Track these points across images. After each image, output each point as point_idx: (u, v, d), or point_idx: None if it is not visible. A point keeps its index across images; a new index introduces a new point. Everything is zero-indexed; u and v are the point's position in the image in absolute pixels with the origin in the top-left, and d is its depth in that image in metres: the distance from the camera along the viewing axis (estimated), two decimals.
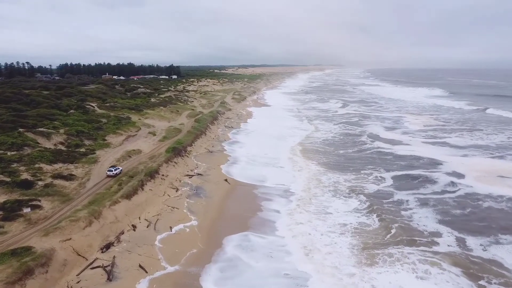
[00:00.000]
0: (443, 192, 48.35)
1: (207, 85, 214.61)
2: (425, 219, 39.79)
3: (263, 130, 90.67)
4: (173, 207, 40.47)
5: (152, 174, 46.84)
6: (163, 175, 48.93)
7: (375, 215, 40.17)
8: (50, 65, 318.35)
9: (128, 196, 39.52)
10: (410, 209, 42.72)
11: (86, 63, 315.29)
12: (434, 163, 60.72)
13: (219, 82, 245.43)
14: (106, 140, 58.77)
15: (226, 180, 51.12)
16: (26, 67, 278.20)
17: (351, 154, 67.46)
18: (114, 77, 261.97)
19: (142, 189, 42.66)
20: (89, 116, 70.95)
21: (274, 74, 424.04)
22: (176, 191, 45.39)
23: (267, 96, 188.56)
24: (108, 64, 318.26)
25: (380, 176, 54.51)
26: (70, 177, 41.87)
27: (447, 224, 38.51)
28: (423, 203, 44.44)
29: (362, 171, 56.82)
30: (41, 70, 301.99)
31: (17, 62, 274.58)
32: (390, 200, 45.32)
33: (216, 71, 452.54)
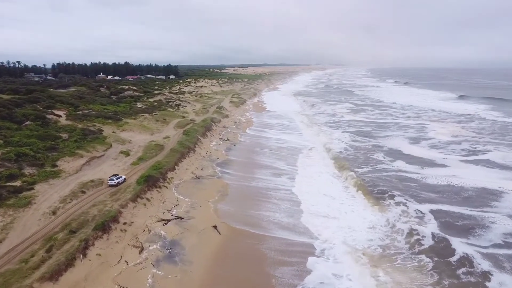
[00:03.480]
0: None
1: (205, 86, 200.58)
2: None
3: (265, 142, 76.14)
4: None
5: (106, 225, 32.33)
6: (125, 223, 34.44)
7: None
8: (44, 65, 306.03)
9: (55, 274, 25.06)
10: (490, 274, 29.32)
11: (83, 63, 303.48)
12: (487, 194, 46.80)
13: (217, 82, 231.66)
14: (57, 166, 44.09)
15: (215, 227, 36.58)
16: (17, 66, 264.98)
17: (375, 176, 52.61)
18: (109, 77, 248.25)
19: (85, 255, 28.19)
20: (47, 129, 56.25)
21: (276, 74, 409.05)
22: (140, 252, 30.89)
23: (269, 98, 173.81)
24: (104, 63, 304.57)
25: (420, 211, 40.97)
26: None
27: None
28: (498, 264, 30.98)
29: (397, 204, 42.83)
30: (35, 69, 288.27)
31: (8, 61, 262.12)
32: (456, 257, 31.58)
33: (216, 70, 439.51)
